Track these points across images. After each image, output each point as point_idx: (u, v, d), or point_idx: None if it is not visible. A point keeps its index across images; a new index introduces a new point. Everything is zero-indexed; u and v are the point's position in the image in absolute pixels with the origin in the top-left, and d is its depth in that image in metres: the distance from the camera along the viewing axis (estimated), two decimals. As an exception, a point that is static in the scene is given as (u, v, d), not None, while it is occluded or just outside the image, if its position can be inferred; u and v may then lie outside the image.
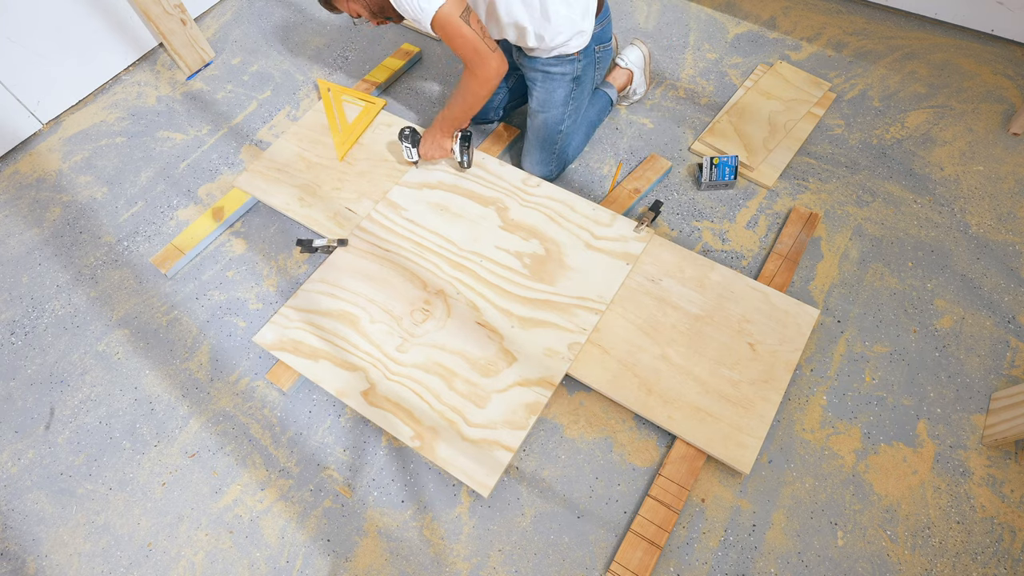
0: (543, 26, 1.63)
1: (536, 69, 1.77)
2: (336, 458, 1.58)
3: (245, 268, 1.90)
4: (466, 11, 1.47)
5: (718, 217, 1.90)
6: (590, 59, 1.77)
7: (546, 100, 1.80)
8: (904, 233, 1.84)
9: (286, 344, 1.64)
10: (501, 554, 1.44)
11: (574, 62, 1.73)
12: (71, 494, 1.57)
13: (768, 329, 1.60)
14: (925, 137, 2.03)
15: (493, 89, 1.61)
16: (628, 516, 1.47)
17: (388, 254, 1.78)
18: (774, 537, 1.43)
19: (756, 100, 2.11)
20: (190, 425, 1.65)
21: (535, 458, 1.55)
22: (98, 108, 2.31)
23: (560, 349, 1.59)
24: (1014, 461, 1.48)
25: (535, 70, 1.78)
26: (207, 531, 1.51)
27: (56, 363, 1.77)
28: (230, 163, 2.14)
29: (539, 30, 1.64)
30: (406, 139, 1.83)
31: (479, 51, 1.51)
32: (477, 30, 1.49)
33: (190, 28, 2.30)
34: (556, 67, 1.73)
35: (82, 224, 2.03)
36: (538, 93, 1.81)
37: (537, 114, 1.84)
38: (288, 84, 2.34)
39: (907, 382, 1.60)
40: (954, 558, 1.38)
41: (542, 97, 1.81)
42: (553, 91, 1.78)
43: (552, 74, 1.75)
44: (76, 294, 1.88)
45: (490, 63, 1.54)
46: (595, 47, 1.76)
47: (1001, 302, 1.71)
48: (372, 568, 1.44)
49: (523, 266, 1.73)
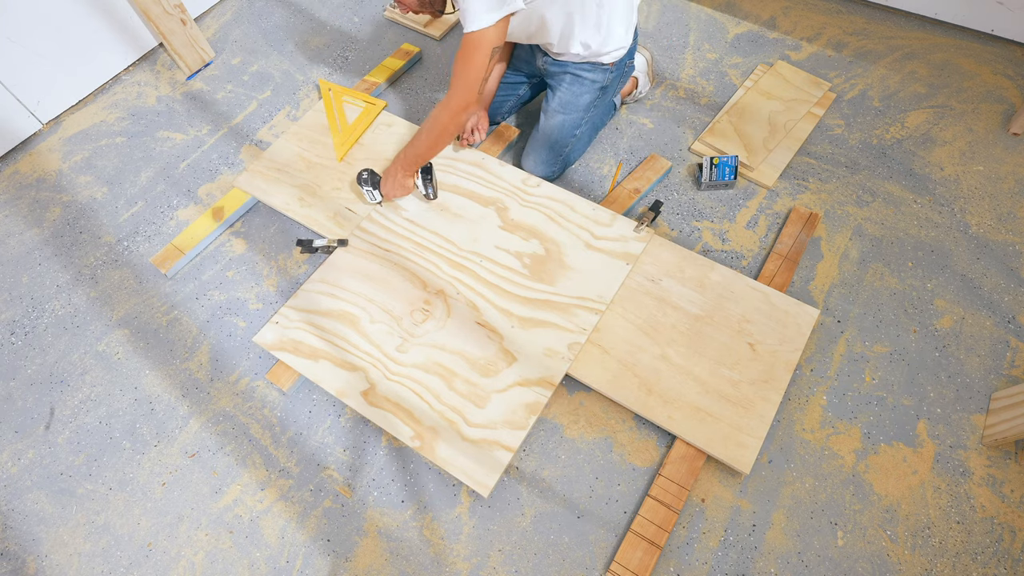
0: (594, 37, 1.63)
1: (566, 71, 1.76)
2: (336, 458, 1.58)
3: (245, 268, 1.90)
4: (498, 49, 1.46)
5: (718, 217, 1.90)
6: (620, 71, 1.78)
7: (569, 103, 1.79)
8: (904, 233, 1.84)
9: (286, 344, 1.64)
10: (501, 554, 1.44)
11: (607, 72, 1.73)
12: (71, 494, 1.57)
13: (768, 329, 1.60)
14: (925, 137, 2.03)
15: (460, 126, 1.60)
16: (628, 516, 1.47)
17: (388, 254, 1.78)
18: (774, 537, 1.43)
19: (756, 100, 2.11)
20: (190, 425, 1.65)
21: (535, 458, 1.55)
22: (98, 108, 2.31)
23: (560, 349, 1.59)
24: (1014, 461, 1.48)
25: (564, 72, 1.76)
26: (207, 531, 1.51)
27: (56, 363, 1.77)
28: (230, 163, 2.15)
29: (588, 40, 1.64)
30: (365, 182, 1.79)
31: (470, 86, 1.49)
32: (488, 69, 1.48)
33: (190, 28, 2.30)
34: (589, 73, 1.73)
35: (82, 224, 2.03)
36: (562, 95, 1.79)
37: (556, 114, 1.83)
38: (288, 84, 2.34)
39: (907, 382, 1.60)
40: (954, 558, 1.38)
41: (566, 99, 1.79)
42: (580, 95, 1.77)
43: (583, 78, 1.74)
44: (76, 294, 1.88)
45: (468, 99, 1.52)
46: (627, 61, 1.77)
47: (1001, 302, 1.71)
48: (372, 568, 1.44)
49: (523, 266, 1.73)
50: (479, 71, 1.46)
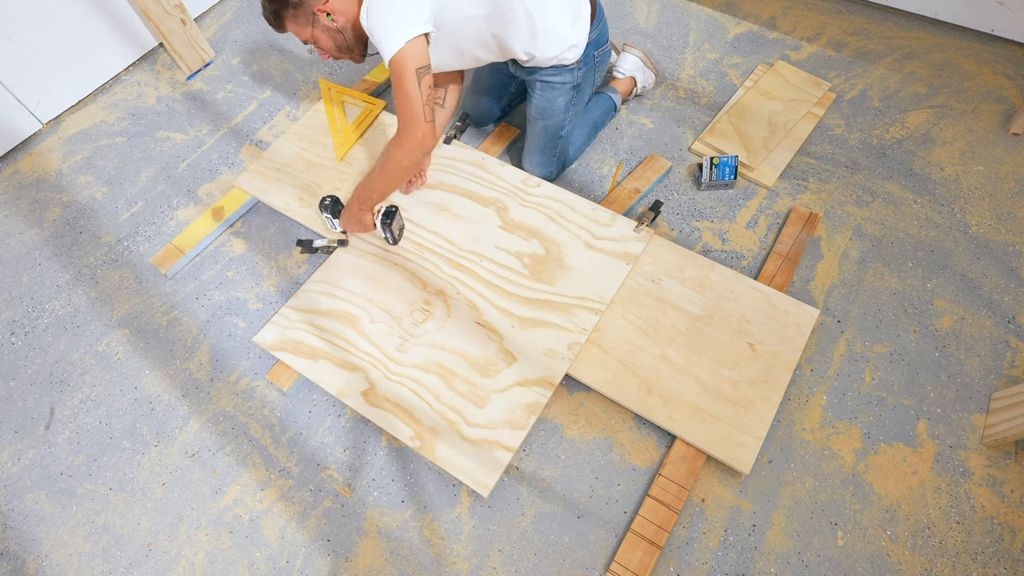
0: (532, 44, 1.58)
1: (535, 78, 1.72)
2: (336, 458, 1.58)
3: (245, 268, 1.90)
4: (424, 68, 1.40)
5: (718, 217, 1.90)
6: (590, 65, 1.72)
7: (546, 108, 1.76)
8: (904, 233, 1.84)
9: (286, 344, 1.64)
10: (501, 554, 1.44)
11: (574, 71, 1.69)
12: (71, 494, 1.57)
13: (768, 329, 1.60)
14: (925, 137, 2.03)
15: (417, 162, 1.52)
16: (628, 516, 1.47)
17: (388, 254, 1.78)
18: (774, 537, 1.43)
19: (756, 100, 2.11)
20: (190, 425, 1.65)
21: (535, 458, 1.55)
22: (98, 108, 2.31)
23: (560, 349, 1.59)
24: (1014, 461, 1.48)
25: (534, 79, 1.73)
26: (207, 531, 1.51)
27: (56, 363, 1.77)
28: (230, 163, 2.15)
29: (529, 49, 1.60)
30: (326, 209, 1.73)
31: (414, 116, 1.43)
32: (424, 93, 1.41)
33: (190, 28, 2.30)
34: (556, 77, 1.69)
35: (82, 224, 2.03)
36: (537, 101, 1.76)
37: (537, 121, 1.81)
38: (288, 84, 2.34)
39: (907, 382, 1.60)
40: (954, 558, 1.38)
41: (542, 105, 1.76)
42: (553, 100, 1.74)
43: (552, 83, 1.71)
44: (76, 294, 1.89)
45: (417, 133, 1.44)
46: (594, 53, 1.71)
47: (1001, 302, 1.71)
48: (372, 568, 1.44)
49: (523, 266, 1.73)
50: (415, 97, 1.40)
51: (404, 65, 1.38)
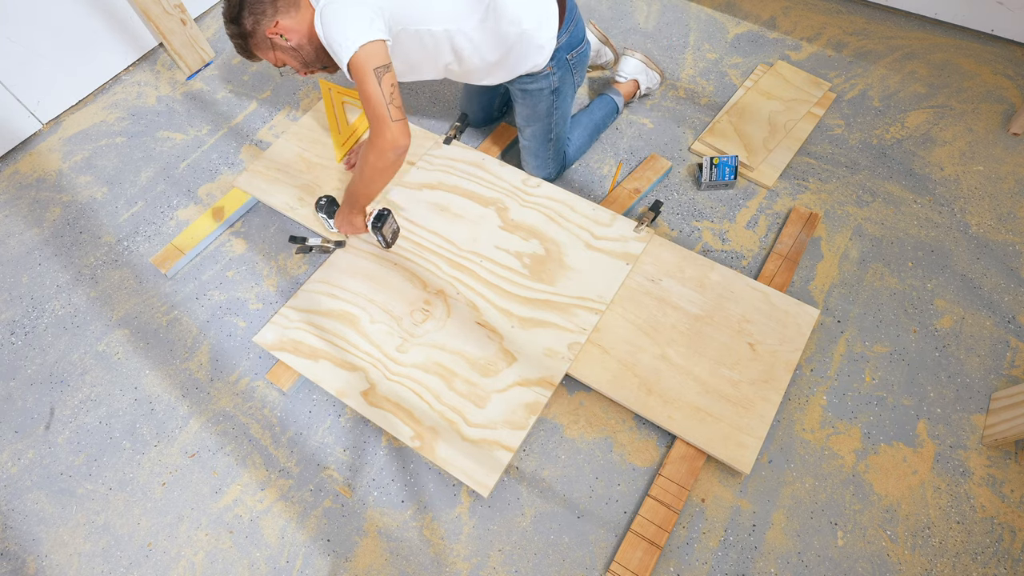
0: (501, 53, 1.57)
1: (514, 87, 1.73)
2: (336, 458, 1.58)
3: (245, 268, 1.90)
4: (383, 68, 1.37)
5: (718, 217, 1.90)
6: (564, 68, 1.69)
7: (529, 115, 1.77)
8: (904, 233, 1.84)
9: (286, 344, 1.64)
10: (501, 554, 1.44)
11: (548, 76, 1.67)
12: (71, 494, 1.57)
13: (768, 329, 1.60)
14: (925, 137, 2.03)
15: (393, 162, 1.48)
16: (628, 516, 1.47)
17: (388, 254, 1.78)
18: (774, 537, 1.43)
19: (756, 100, 2.11)
20: (190, 425, 1.65)
21: (535, 458, 1.55)
22: (98, 108, 2.31)
23: (560, 349, 1.59)
24: (1014, 461, 1.48)
25: (514, 87, 1.73)
26: (207, 531, 1.51)
27: (56, 363, 1.77)
28: (230, 163, 2.15)
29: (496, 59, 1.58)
30: (321, 209, 1.75)
31: (380, 117, 1.40)
32: (386, 92, 1.38)
33: (190, 28, 2.30)
34: (532, 84, 1.69)
35: (82, 224, 2.03)
36: (520, 109, 1.78)
37: (524, 128, 1.82)
38: (288, 84, 2.34)
39: (907, 382, 1.60)
40: (954, 558, 1.38)
41: (525, 113, 1.77)
42: (535, 106, 1.74)
43: (529, 91, 1.71)
44: (76, 294, 1.89)
45: (386, 133, 1.41)
46: (566, 56, 1.67)
47: (1001, 302, 1.71)
48: (372, 568, 1.44)
49: (523, 266, 1.73)
50: (377, 98, 1.38)
51: (361, 67, 1.36)
